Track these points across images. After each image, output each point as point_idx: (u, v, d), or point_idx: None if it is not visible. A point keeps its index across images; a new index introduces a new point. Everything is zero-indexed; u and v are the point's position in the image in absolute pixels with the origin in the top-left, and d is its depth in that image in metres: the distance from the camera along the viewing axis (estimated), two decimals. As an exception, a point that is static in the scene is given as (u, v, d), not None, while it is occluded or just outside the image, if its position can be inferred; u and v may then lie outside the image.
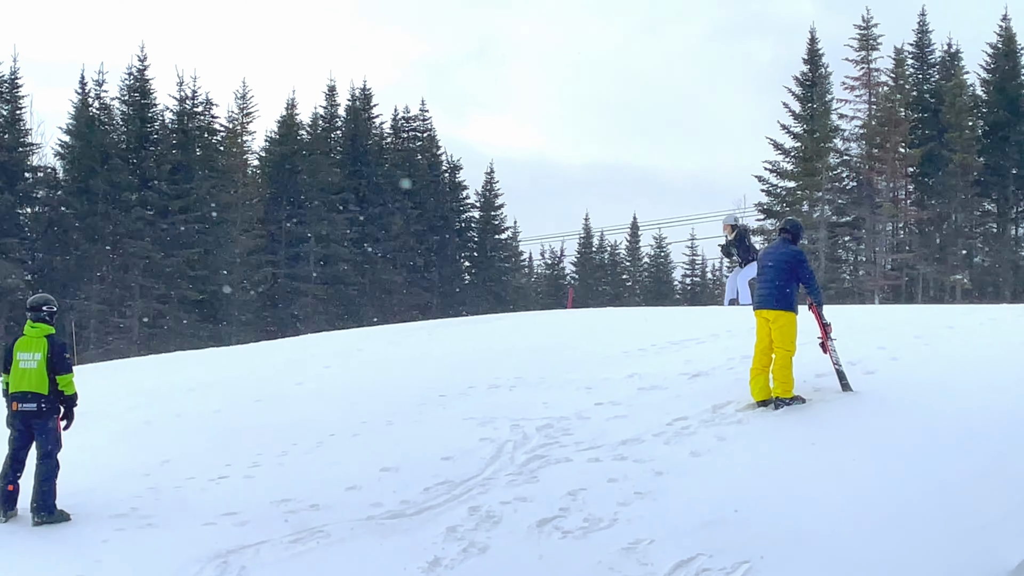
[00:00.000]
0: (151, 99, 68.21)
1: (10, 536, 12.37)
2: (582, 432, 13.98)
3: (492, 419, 14.91)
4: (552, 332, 22.00)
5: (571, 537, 10.92)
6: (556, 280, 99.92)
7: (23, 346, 13.00)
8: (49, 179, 67.25)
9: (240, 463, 14.23)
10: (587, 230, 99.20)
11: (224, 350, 28.74)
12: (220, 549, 11.34)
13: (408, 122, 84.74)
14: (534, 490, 12.19)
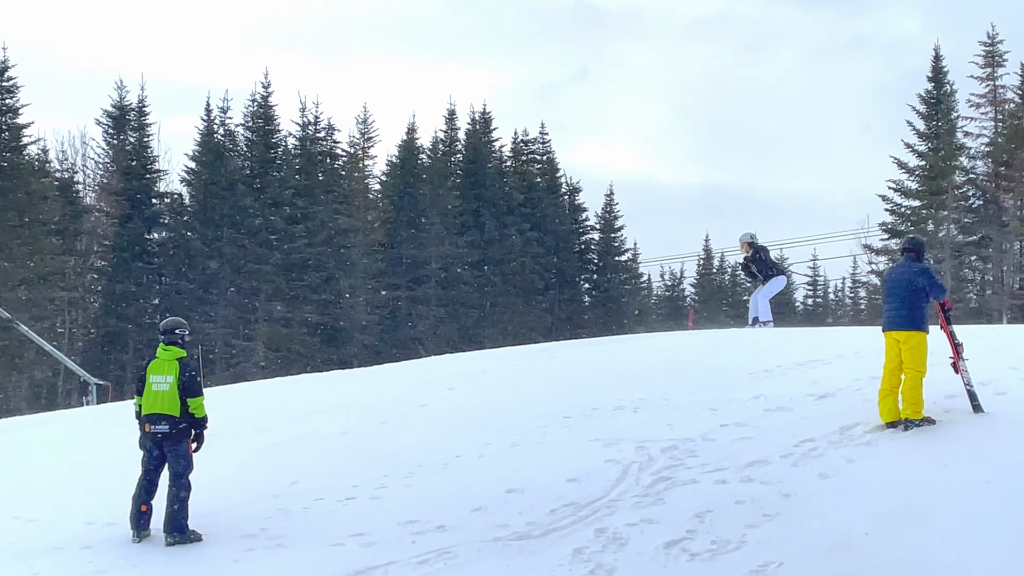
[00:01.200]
0: (274, 125, 69.30)
1: (144, 556, 12.60)
2: (708, 454, 13.87)
3: (617, 440, 14.86)
4: (674, 353, 21.87)
5: (699, 559, 10.84)
6: (676, 301, 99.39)
7: (156, 369, 13.26)
8: (175, 205, 68.57)
9: (367, 484, 14.34)
10: (707, 251, 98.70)
11: (348, 372, 28.99)
12: (349, 570, 11.43)
13: (527, 145, 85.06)
14: (660, 512, 12.12)
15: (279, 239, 65.32)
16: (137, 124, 68.97)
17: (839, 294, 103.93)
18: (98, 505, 14.48)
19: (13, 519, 14.25)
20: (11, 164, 61.10)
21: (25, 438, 21.38)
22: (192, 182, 68.07)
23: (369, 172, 78.70)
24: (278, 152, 69.78)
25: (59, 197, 64.91)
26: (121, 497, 13.65)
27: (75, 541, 13.11)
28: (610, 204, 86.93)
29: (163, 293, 65.40)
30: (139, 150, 68.33)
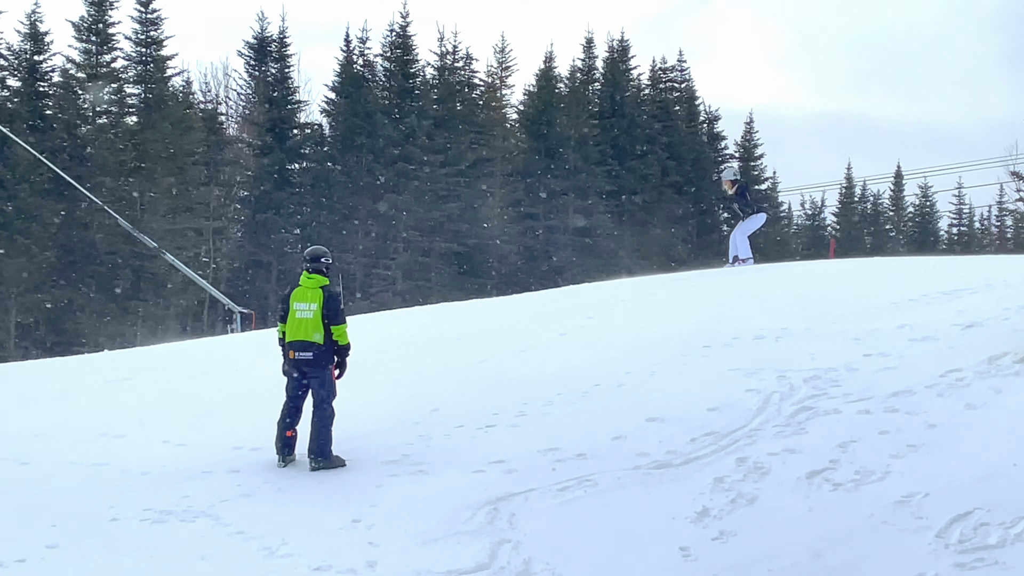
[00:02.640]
0: (413, 55, 69.59)
1: (289, 480, 12.83)
2: (851, 383, 13.67)
3: (758, 370, 14.71)
4: (816, 282, 21.57)
5: (842, 490, 10.71)
6: (817, 231, 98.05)
7: (300, 296, 13.44)
8: (316, 136, 69.24)
9: (507, 412, 14.40)
10: (848, 179, 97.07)
11: (486, 301, 29.14)
12: (490, 496, 11.52)
13: (665, 73, 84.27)
14: (802, 442, 11.99)
15: (417, 169, 65.67)
16: (278, 55, 69.69)
17: (985, 223, 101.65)
18: (244, 430, 14.77)
19: (163, 443, 14.59)
20: (156, 96, 62.20)
21: (172, 365, 21.85)
22: (332, 113, 68.69)
23: (506, 102, 78.66)
24: (416, 82, 70.08)
25: (203, 128, 65.99)
26: (266, 423, 13.91)
27: (223, 465, 13.38)
28: (750, 132, 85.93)
29: (304, 223, 66.23)
30: (280, 81, 69.08)
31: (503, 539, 10.47)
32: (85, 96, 58.62)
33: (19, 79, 61.44)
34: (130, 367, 21.56)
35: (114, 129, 61.78)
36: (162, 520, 11.53)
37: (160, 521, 11.50)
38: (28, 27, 60.84)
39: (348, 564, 10.04)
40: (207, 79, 79.64)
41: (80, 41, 61.22)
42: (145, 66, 62.78)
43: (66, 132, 60.11)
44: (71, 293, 56.48)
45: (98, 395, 18.54)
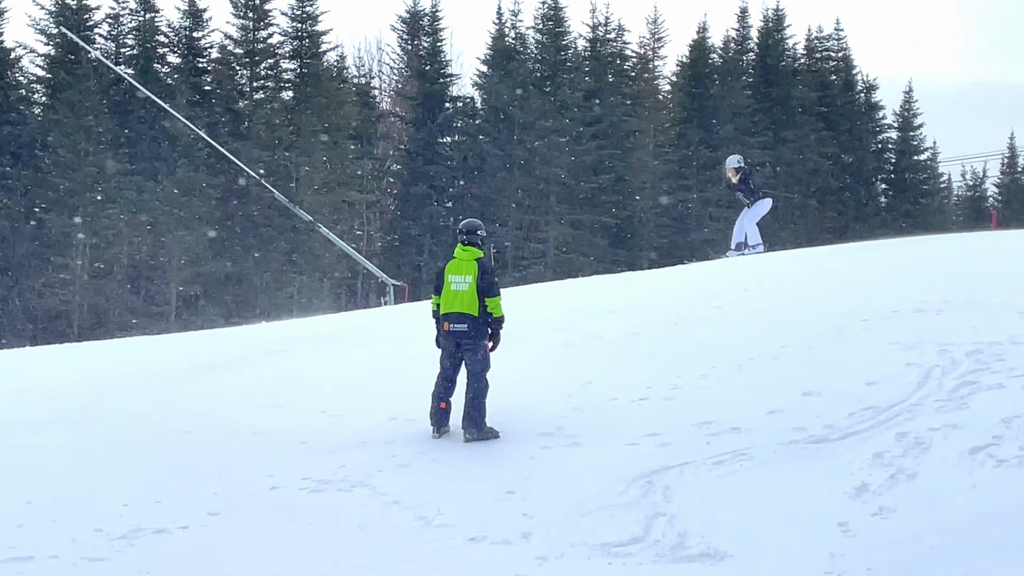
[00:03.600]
0: (565, 27, 69.41)
1: (443, 451, 12.92)
2: (1016, 358, 13.32)
3: (918, 344, 14.41)
4: (978, 254, 21.07)
5: (1006, 466, 10.45)
6: (978, 202, 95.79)
7: (455, 269, 13.48)
8: (468, 109, 69.56)
9: (660, 385, 14.32)
10: (1011, 150, 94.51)
11: (638, 274, 29.01)
12: (644, 469, 11.47)
13: (821, 42, 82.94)
14: (965, 417, 11.73)
15: (569, 141, 65.61)
16: (430, 29, 70.14)
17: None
18: (399, 402, 14.89)
19: (320, 413, 14.77)
20: (311, 71, 63.05)
21: (327, 337, 22.12)
22: (483, 86, 68.90)
23: (659, 73, 78.19)
24: (568, 55, 69.94)
25: (356, 103, 66.77)
26: (420, 394, 14.02)
27: (378, 436, 13.52)
28: (908, 101, 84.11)
29: (455, 196, 66.64)
30: (432, 55, 69.52)
31: (657, 512, 10.42)
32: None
33: (179, 56, 62.83)
34: (287, 339, 21.89)
35: (270, 104, 62.79)
36: (320, 489, 11.69)
37: (318, 490, 11.67)
38: (187, 4, 62.15)
39: (503, 535, 10.08)
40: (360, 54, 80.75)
41: (237, 17, 62.30)
42: (300, 41, 63.70)
43: (224, 107, 61.26)
44: (230, 266, 57.61)
45: (257, 366, 18.86)
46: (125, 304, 55.94)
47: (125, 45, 62.48)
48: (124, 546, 10.11)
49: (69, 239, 54.65)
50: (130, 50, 62.39)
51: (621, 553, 9.55)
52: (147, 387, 17.42)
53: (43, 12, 59.63)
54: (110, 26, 62.09)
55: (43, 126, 57.50)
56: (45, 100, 60.30)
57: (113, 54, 61.27)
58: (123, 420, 14.96)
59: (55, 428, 14.60)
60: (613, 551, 9.59)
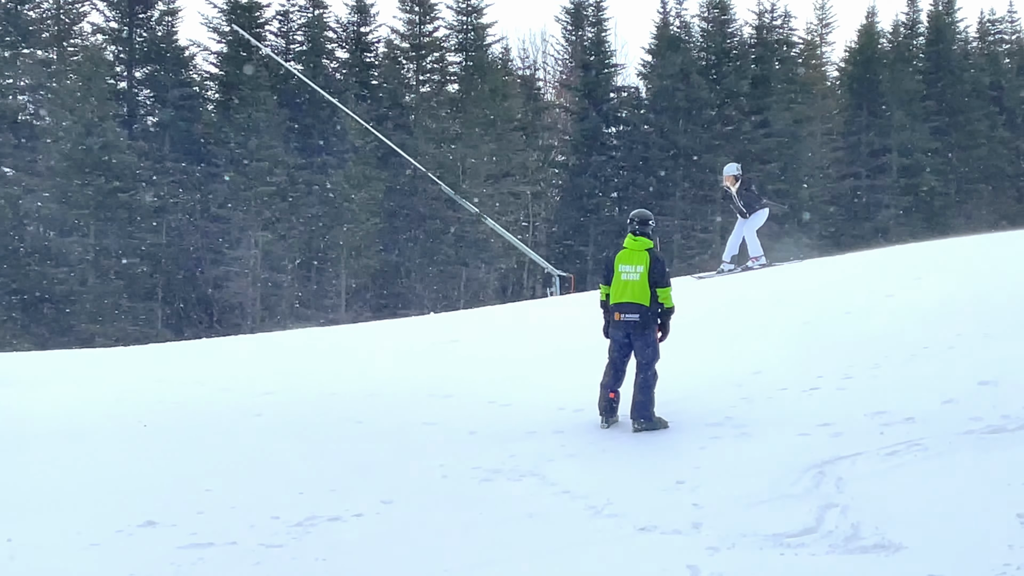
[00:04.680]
0: (730, 15, 68.80)
1: (612, 441, 12.92)
2: None
3: (1101, 332, 14.01)
4: None
5: None
6: None
7: (625, 259, 13.43)
8: (632, 98, 69.35)
9: (832, 374, 14.13)
10: None
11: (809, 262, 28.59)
12: (816, 459, 11.32)
13: (994, 25, 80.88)
14: None
15: (734, 130, 65.01)
16: (594, 20, 70.05)
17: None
18: (566, 391, 14.94)
19: (488, 404, 14.89)
20: (477, 63, 63.49)
21: (495, 327, 22.29)
22: (648, 75, 68.63)
23: (826, 59, 77.06)
24: (734, 42, 69.30)
25: (521, 94, 67.03)
26: (587, 384, 14.04)
27: (547, 426, 13.57)
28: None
29: (620, 186, 66.48)
30: (596, 45, 69.44)
31: (830, 503, 10.27)
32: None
33: (347, 51, 63.77)
34: (455, 329, 22.10)
35: (436, 97, 63.40)
36: (490, 478, 11.77)
37: (488, 479, 11.75)
38: (355, 0, 63.08)
39: (673, 525, 10.04)
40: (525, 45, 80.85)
41: (404, 12, 63.05)
42: (466, 34, 64.22)
43: (391, 101, 62.01)
44: (397, 257, 58.33)
45: (425, 357, 19.08)
46: (296, 295, 57.02)
47: (295, 41, 63.61)
48: (300, 533, 10.31)
49: (242, 232, 55.89)
50: (299, 46, 63.50)
51: (794, 544, 9.45)
52: (319, 377, 17.75)
53: (216, 11, 61.13)
54: (280, 23, 63.33)
55: (216, 122, 58.90)
56: (218, 97, 61.78)
57: (283, 50, 62.43)
58: (296, 410, 15.27)
59: (231, 417, 14.97)
60: (785, 542, 9.48)
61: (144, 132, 60.56)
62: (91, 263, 53.64)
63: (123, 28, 60.96)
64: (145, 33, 61.08)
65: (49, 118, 58.30)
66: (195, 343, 26.66)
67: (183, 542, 10.08)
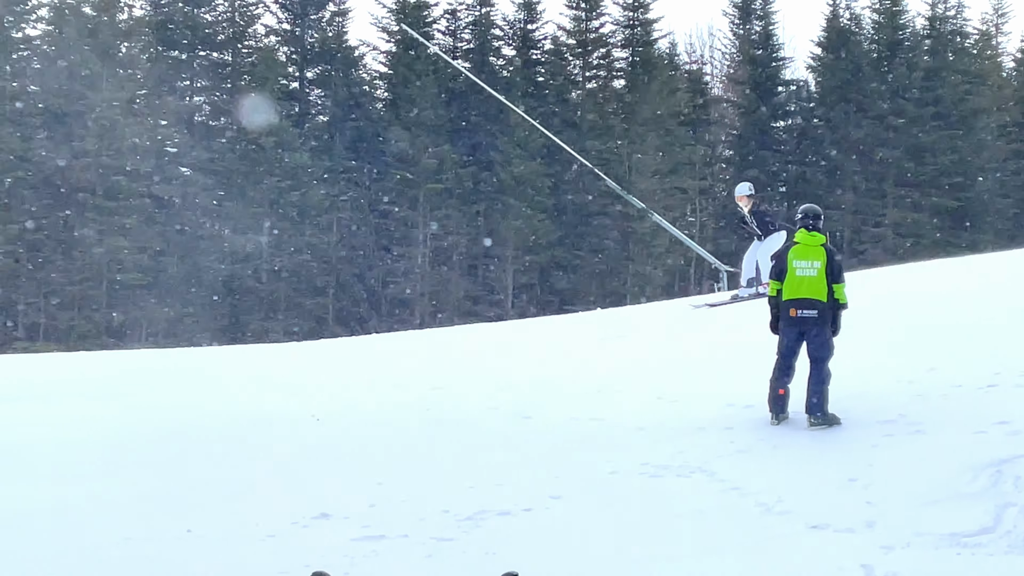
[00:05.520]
0: (902, 6, 67.53)
1: (782, 438, 12.79)
2: None
3: None
4: None
5: None
6: None
7: (800, 254, 13.19)
8: (801, 92, 68.50)
9: (1009, 371, 13.80)
10: None
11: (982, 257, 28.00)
12: (993, 458, 11.06)
13: None
14: None
15: (907, 123, 63.78)
16: (762, 13, 69.32)
17: None
18: (735, 387, 14.83)
19: (657, 399, 14.86)
20: (643, 59, 63.34)
21: (661, 323, 22.21)
22: (817, 68, 67.71)
23: (1002, 50, 75.15)
24: (905, 34, 67.98)
25: (688, 89, 66.66)
26: (757, 380, 13.89)
27: (716, 422, 13.49)
28: None
29: (789, 180, 65.71)
30: (764, 39, 68.73)
31: (1008, 502, 10.03)
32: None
33: (513, 48, 64.13)
34: (621, 325, 22.10)
35: (602, 93, 63.41)
36: (658, 475, 11.75)
37: (656, 476, 11.73)
38: (522, -2, 63.54)
39: (846, 523, 9.91)
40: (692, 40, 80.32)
41: (570, 8, 63.19)
42: (632, 30, 64.11)
43: (557, 98, 62.17)
44: (564, 253, 58.46)
45: (592, 352, 19.11)
46: (463, 292, 57.53)
47: (462, 40, 64.21)
48: (470, 527, 10.41)
49: (410, 229, 56.58)
50: (467, 44, 64.06)
51: (971, 543, 9.25)
52: (488, 373, 17.90)
53: (385, 10, 61.98)
54: (448, 21, 64.00)
55: (385, 120, 59.71)
56: (387, 95, 62.62)
57: (451, 49, 63.01)
58: (466, 405, 15.43)
59: (401, 412, 15.20)
60: (962, 541, 9.29)
61: (315, 131, 61.70)
62: (264, 260, 54.83)
63: (295, 29, 62.22)
64: (316, 34, 62.28)
65: (224, 118, 59.79)
66: (365, 339, 27.11)
67: (356, 534, 10.26)
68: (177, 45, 60.67)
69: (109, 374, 20.69)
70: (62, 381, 19.59)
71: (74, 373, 21.13)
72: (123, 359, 25.89)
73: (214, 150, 57.56)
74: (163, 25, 59.72)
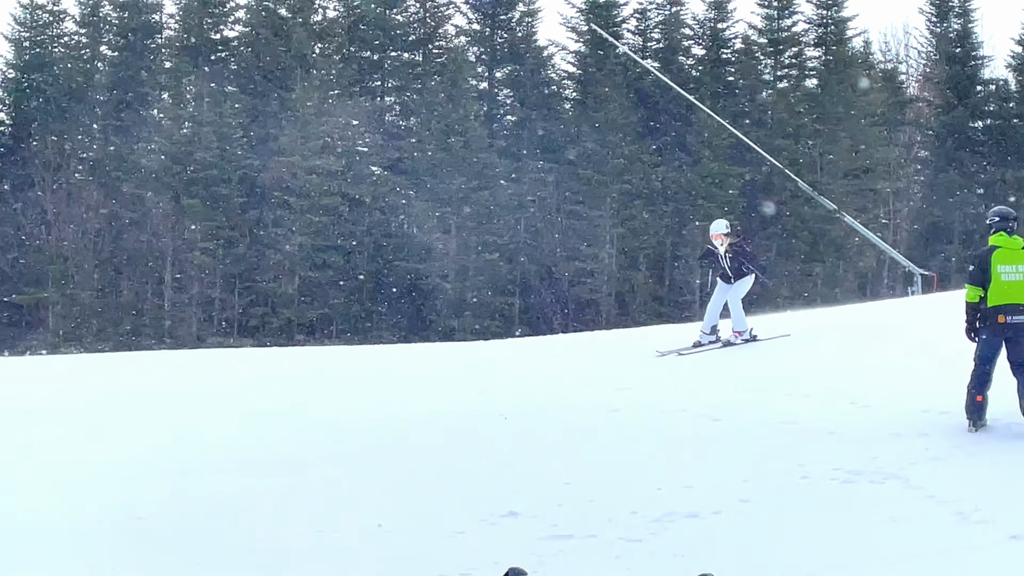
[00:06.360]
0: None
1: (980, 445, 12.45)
2: None
3: None
4: None
5: None
6: None
7: (1004, 258, 12.62)
8: (1001, 91, 66.63)
9: None
10: None
11: None
12: None
13: None
14: None
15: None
16: (961, 11, 67.58)
17: None
18: (930, 392, 14.46)
19: (849, 404, 14.58)
20: (836, 57, 62.35)
21: (853, 327, 21.78)
22: (1018, 67, 65.77)
23: None
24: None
25: (882, 89, 65.34)
26: (952, 386, 13.51)
27: (910, 428, 13.18)
28: None
29: (987, 182, 63.96)
30: (963, 37, 67.00)
31: None
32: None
33: (703, 47, 63.68)
34: (809, 328, 21.75)
35: (794, 93, 62.58)
36: (851, 480, 11.52)
37: (849, 481, 11.50)
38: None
39: (1048, 534, 9.58)
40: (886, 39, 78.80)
41: (762, 7, 62.51)
42: (825, 28, 63.15)
43: (747, 97, 61.55)
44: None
45: (782, 354, 18.82)
46: (650, 293, 57.33)
47: (651, 39, 63.94)
48: (658, 528, 10.35)
49: (597, 229, 56.61)
50: (656, 44, 63.79)
51: None
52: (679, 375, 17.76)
53: (574, 10, 62.11)
54: (637, 21, 63.78)
55: (573, 120, 59.84)
56: (575, 95, 62.74)
57: (640, 48, 62.83)
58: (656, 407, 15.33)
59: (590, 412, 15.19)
60: None
61: (503, 131, 62.11)
62: (452, 259, 55.40)
63: (485, 29, 62.72)
64: (506, 34, 62.67)
65: (414, 118, 60.61)
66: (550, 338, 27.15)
67: (544, 533, 10.27)
68: (369, 46, 61.69)
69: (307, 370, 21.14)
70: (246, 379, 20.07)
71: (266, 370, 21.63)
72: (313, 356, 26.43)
73: (403, 149, 58.37)
74: (355, 26, 60.79)
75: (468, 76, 60.36)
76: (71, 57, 59.49)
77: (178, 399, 17.66)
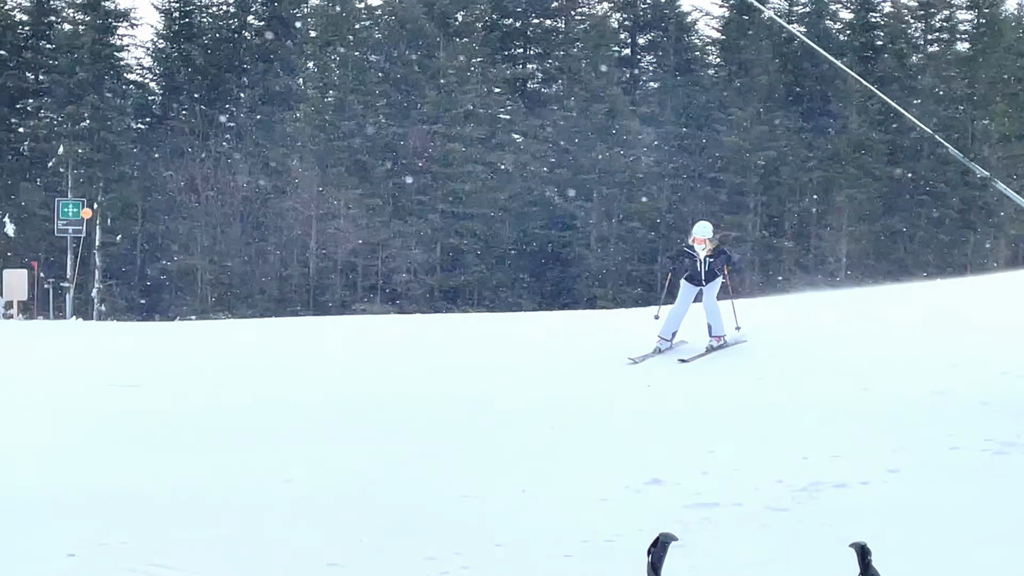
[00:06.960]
0: None
1: None
2: None
3: None
4: None
5: None
6: None
7: None
8: None
9: None
10: None
11: None
12: None
13: None
14: None
15: None
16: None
17: None
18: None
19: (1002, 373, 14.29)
20: (990, 20, 60.83)
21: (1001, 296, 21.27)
22: None
23: None
24: None
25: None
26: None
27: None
28: None
29: None
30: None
31: None
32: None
33: (851, 11, 62.56)
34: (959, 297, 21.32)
35: (945, 57, 61.17)
36: (1003, 451, 11.25)
37: (1001, 452, 11.24)
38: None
39: None
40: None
41: (915, -31, 61.25)
42: (980, -10, 61.69)
43: (896, 62, 60.30)
44: (900, 223, 56.82)
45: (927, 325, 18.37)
46: (796, 261, 56.64)
47: (797, 3, 62.91)
48: (805, 498, 10.20)
49: (740, 196, 56.08)
50: (802, 8, 62.74)
51: None
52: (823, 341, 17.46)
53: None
54: (785, -15, 62.83)
55: (717, 86, 59.23)
56: (719, 61, 62.07)
57: (786, 13, 61.85)
58: (801, 374, 15.12)
59: (730, 381, 15.03)
60: None
61: (646, 98, 61.69)
62: (594, 226, 55.28)
63: (628, -5, 62.30)
64: (649, 0, 62.13)
65: (556, 86, 60.48)
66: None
67: (688, 501, 10.19)
68: (511, 13, 61.62)
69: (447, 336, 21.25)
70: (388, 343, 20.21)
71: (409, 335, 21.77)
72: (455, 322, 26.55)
73: (545, 117, 58.28)
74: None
75: (610, 43, 59.97)
76: (218, 27, 60.40)
77: (323, 364, 17.86)
